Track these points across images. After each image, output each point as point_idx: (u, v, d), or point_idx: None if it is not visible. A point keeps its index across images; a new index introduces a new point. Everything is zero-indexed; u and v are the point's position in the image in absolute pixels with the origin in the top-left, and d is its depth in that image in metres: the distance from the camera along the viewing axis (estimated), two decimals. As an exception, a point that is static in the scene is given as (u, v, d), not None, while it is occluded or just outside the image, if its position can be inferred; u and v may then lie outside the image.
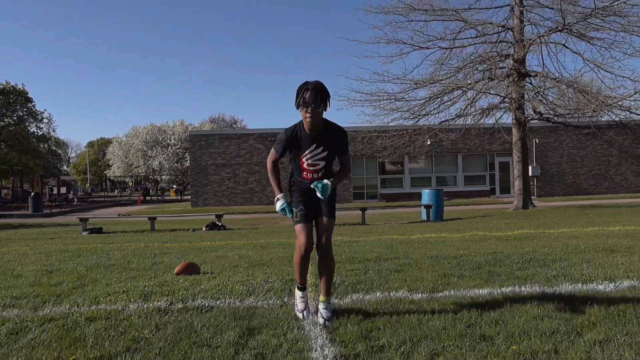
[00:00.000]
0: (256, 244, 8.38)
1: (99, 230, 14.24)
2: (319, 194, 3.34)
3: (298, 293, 3.68)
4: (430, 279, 4.60)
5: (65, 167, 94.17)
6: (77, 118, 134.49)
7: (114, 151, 62.37)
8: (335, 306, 3.70)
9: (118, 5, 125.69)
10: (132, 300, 4.11)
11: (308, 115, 3.32)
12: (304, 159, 3.50)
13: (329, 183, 3.39)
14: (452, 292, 4.07)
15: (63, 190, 54.23)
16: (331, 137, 3.47)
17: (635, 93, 16.00)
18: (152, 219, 14.85)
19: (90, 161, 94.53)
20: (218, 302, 3.96)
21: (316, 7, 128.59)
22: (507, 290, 4.06)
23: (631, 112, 17.37)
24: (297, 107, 3.39)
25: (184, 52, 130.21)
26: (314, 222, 3.59)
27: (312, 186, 3.39)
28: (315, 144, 3.45)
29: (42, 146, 50.70)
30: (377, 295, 4.03)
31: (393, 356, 2.66)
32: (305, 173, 3.56)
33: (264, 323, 3.35)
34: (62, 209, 30.95)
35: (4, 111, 45.45)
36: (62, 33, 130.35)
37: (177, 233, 12.70)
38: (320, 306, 3.55)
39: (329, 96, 3.40)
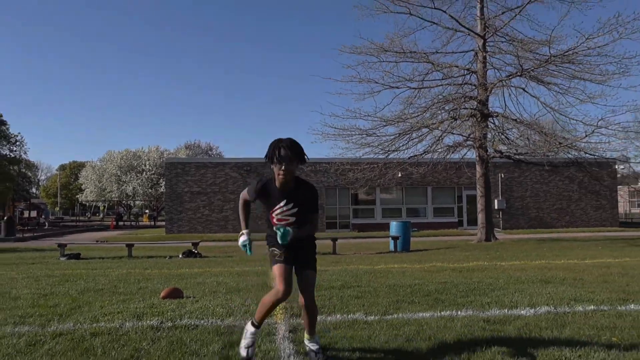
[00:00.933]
0: (232, 272, 9.05)
1: (77, 256, 14.66)
2: (279, 239, 3.38)
3: (250, 329, 3.60)
4: (384, 304, 5.39)
5: (34, 190, 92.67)
6: (48, 140, 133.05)
7: (87, 175, 62.00)
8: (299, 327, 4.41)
9: (93, 25, 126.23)
10: (127, 319, 4.78)
11: (281, 173, 3.35)
12: (273, 214, 3.53)
13: (290, 230, 3.41)
14: (401, 315, 4.85)
15: (33, 214, 53.61)
16: (302, 195, 3.50)
17: (586, 136, 17.36)
18: (130, 246, 15.34)
19: (62, 184, 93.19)
20: (202, 322, 4.66)
21: (294, 44, 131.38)
22: (446, 313, 4.87)
23: (585, 153, 18.73)
24: (270, 163, 3.40)
25: (159, 76, 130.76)
26: (295, 273, 3.57)
27: (274, 229, 3.46)
28: (285, 200, 3.48)
29: (12, 168, 50.34)
30: (337, 317, 4.79)
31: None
32: (275, 227, 3.54)
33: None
34: (34, 234, 30.89)
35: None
36: (33, 52, 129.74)
37: (155, 260, 13.23)
38: (307, 342, 3.63)
39: (303, 152, 3.40)
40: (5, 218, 28.61)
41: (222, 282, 7.50)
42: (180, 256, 14.53)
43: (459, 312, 4.92)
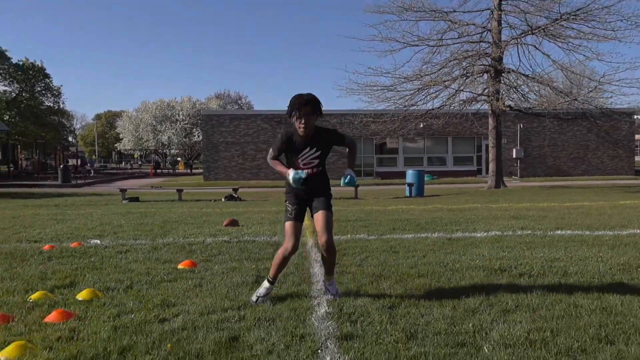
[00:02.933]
0: (269, 210, 11.35)
1: (136, 199, 17.22)
2: (291, 182, 3.78)
3: (265, 284, 3.92)
4: (382, 230, 7.57)
5: (71, 139, 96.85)
6: (81, 89, 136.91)
7: (124, 125, 64.96)
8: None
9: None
10: (206, 237, 7.08)
11: (302, 126, 3.71)
12: (299, 160, 3.86)
13: (350, 174, 3.84)
14: (392, 235, 7.02)
15: (73, 162, 57.17)
16: (323, 139, 3.87)
17: (590, 92, 18.79)
18: (180, 191, 17.83)
19: (98, 133, 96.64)
20: (257, 238, 6.92)
21: (320, 6, 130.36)
22: (423, 235, 7.02)
23: (590, 105, 20.18)
24: (291, 118, 3.78)
25: (189, 25, 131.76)
26: (311, 216, 3.94)
27: (341, 184, 3.87)
28: (309, 147, 3.83)
29: (56, 119, 53.56)
30: (348, 236, 6.99)
31: (350, 264, 5.57)
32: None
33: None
34: (86, 180, 33.99)
35: (24, 86, 48.14)
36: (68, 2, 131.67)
37: (204, 202, 15.66)
38: (327, 284, 3.99)
39: (320, 106, 3.76)
40: (61, 166, 31.60)
41: (264, 217, 9.79)
42: (223, 199, 16.93)
43: (433, 234, 7.07)
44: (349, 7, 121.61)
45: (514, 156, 33.62)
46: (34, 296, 3.99)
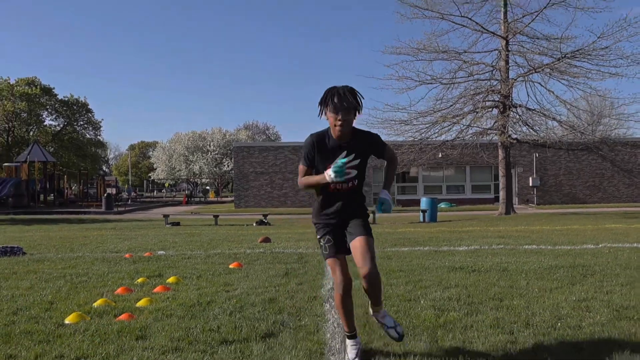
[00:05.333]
0: (296, 232, 13.30)
1: (177, 224, 19.39)
2: (381, 212, 3.27)
3: (349, 342, 3.35)
4: (385, 245, 9.43)
5: (105, 168, 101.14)
6: (113, 120, 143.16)
7: (158, 155, 68.26)
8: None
9: (161, 14, 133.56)
10: (246, 249, 9.07)
11: (338, 122, 3.08)
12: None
13: (385, 196, 3.28)
14: (392, 249, 8.87)
15: (110, 190, 60.47)
16: (363, 144, 3.24)
17: (589, 125, 20.43)
18: (216, 217, 19.97)
19: (132, 163, 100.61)
20: (286, 250, 8.87)
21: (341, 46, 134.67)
22: (416, 248, 8.85)
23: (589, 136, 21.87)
24: (323, 114, 3.15)
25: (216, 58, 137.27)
26: (349, 249, 3.31)
27: (376, 212, 3.48)
28: (345, 152, 3.17)
29: (95, 151, 57.12)
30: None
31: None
32: (332, 184, 3.20)
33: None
34: (126, 208, 36.61)
35: (69, 121, 51.83)
36: (105, 40, 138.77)
37: (237, 226, 17.73)
38: (378, 316, 3.42)
39: (360, 102, 3.14)
40: (105, 195, 34.30)
41: (291, 236, 11.75)
42: (254, 224, 18.97)
43: (425, 248, 8.91)
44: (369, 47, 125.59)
45: (531, 184, 35.01)
46: (139, 280, 6.01)
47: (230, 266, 7.09)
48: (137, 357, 3.32)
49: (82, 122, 53.33)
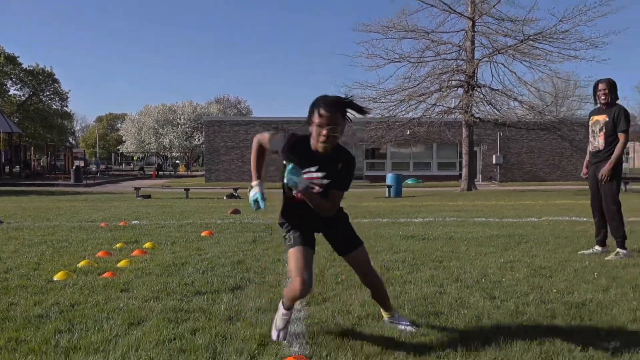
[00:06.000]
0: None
1: (149, 197, 19.73)
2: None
3: (282, 312, 3.12)
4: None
5: (72, 140, 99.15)
6: (81, 91, 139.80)
7: (127, 128, 67.39)
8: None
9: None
10: (218, 219, 9.62)
11: (323, 137, 2.83)
12: None
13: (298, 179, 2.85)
14: (353, 220, 9.54)
15: (78, 163, 59.71)
16: (336, 164, 2.98)
17: (547, 106, 21.43)
18: (187, 190, 20.37)
19: (99, 135, 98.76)
20: (255, 221, 9.45)
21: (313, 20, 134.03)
22: (377, 219, 9.55)
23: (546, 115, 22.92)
24: (310, 122, 2.88)
25: (188, 29, 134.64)
26: (342, 256, 3.26)
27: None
28: (318, 167, 2.94)
29: (62, 122, 56.09)
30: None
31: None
32: (295, 192, 2.99)
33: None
34: (95, 181, 36.48)
35: (35, 91, 50.73)
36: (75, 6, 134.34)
37: (207, 199, 18.19)
38: (393, 320, 3.34)
39: (347, 115, 2.91)
40: (74, 167, 34.10)
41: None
42: (225, 198, 19.46)
43: (384, 219, 9.62)
44: (339, 28, 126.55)
45: (494, 162, 36.27)
46: (117, 245, 6.53)
47: (202, 234, 7.64)
48: (124, 304, 3.88)
49: (48, 93, 52.28)
